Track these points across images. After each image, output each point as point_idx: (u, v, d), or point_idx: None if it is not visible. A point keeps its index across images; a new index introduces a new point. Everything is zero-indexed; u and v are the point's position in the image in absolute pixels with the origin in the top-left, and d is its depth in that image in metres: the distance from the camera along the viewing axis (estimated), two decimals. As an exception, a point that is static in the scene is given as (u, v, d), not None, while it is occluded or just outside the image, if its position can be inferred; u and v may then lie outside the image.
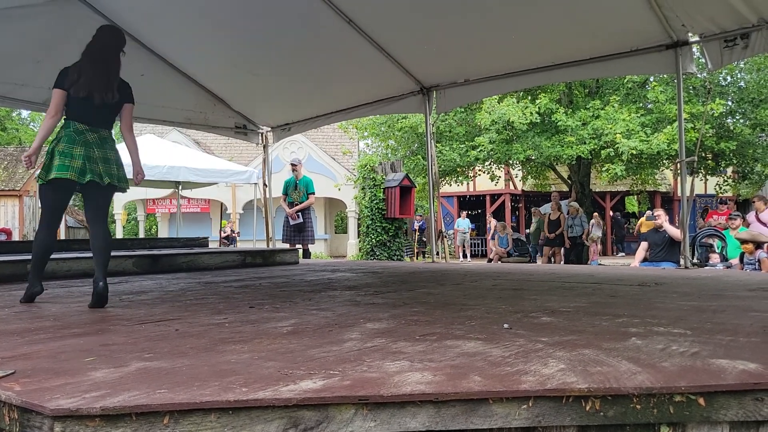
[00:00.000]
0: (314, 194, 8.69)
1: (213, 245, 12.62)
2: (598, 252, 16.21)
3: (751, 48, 4.93)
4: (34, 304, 3.18)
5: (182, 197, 16.32)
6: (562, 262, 12.74)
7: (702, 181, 19.98)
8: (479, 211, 23.48)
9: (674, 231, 7.75)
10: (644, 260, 8.10)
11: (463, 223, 20.12)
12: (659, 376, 1.50)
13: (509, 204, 21.66)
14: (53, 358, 1.81)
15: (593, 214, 15.49)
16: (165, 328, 2.36)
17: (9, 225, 17.85)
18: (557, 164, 16.21)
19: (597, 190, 19.39)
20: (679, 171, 5.90)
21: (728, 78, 14.85)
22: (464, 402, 1.39)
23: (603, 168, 14.39)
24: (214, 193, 19.88)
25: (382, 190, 13.14)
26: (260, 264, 6.64)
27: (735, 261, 7.59)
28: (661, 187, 20.24)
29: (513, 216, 22.17)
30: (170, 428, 1.31)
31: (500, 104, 13.40)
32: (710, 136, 14.10)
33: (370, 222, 13.35)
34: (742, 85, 14.65)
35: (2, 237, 14.18)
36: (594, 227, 14.93)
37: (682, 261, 6.10)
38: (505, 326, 2.29)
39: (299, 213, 8.48)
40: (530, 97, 14.02)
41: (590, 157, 14.42)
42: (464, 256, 19.57)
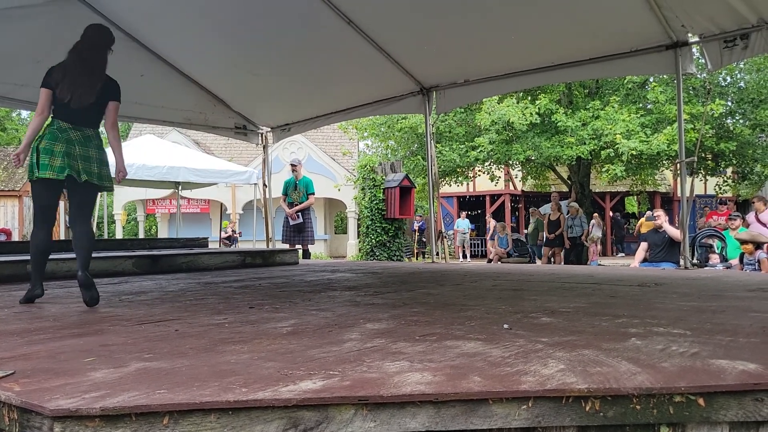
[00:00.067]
0: (314, 195, 8.70)
1: (213, 246, 12.61)
2: (598, 252, 16.20)
3: (751, 48, 4.93)
4: (34, 305, 3.19)
5: (182, 197, 16.32)
6: (562, 263, 12.74)
7: (702, 182, 19.98)
8: (479, 212, 23.47)
9: (674, 231, 7.75)
10: (644, 261, 8.11)
11: (463, 224, 20.12)
12: (659, 377, 1.50)
13: (509, 204, 21.66)
14: (53, 359, 1.81)
15: (593, 215, 15.49)
16: (165, 329, 2.36)
17: (8, 225, 17.83)
18: (557, 165, 16.21)
19: (597, 191, 19.38)
20: (679, 171, 5.90)
21: (728, 78, 14.86)
22: (464, 402, 1.39)
23: (603, 168, 14.38)
24: (214, 194, 19.89)
25: (382, 191, 13.15)
26: (260, 264, 6.64)
27: (735, 261, 7.60)
28: (661, 188, 20.25)
29: (513, 216, 22.17)
30: (170, 428, 1.31)
31: (500, 105, 13.40)
32: (710, 137, 14.09)
33: (370, 222, 13.35)
34: (742, 86, 14.64)
35: (2, 237, 14.15)
36: (594, 228, 14.92)
37: (682, 261, 6.10)
38: (505, 327, 2.29)
39: (299, 213, 8.47)
40: (530, 98, 14.02)
41: (590, 158, 14.42)
42: (464, 257, 19.57)
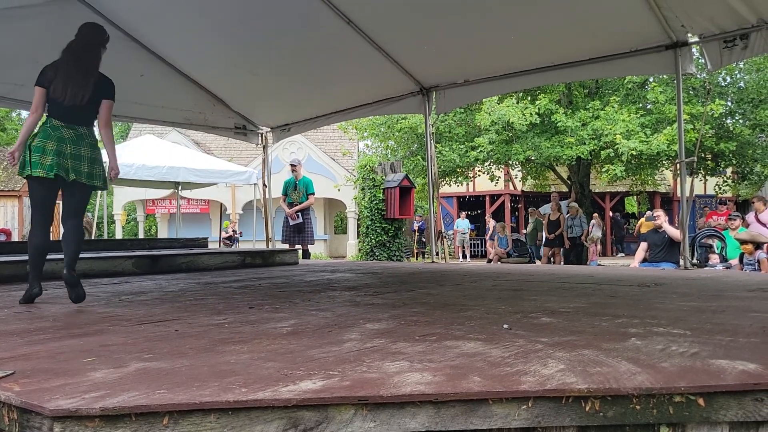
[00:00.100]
0: (314, 195, 8.70)
1: (212, 246, 12.61)
2: (598, 252, 16.21)
3: (751, 48, 4.93)
4: (34, 305, 3.19)
5: (182, 198, 16.31)
6: (562, 263, 12.74)
7: (701, 182, 19.99)
8: (479, 212, 23.48)
9: (674, 231, 7.75)
10: (644, 261, 8.11)
11: (463, 224, 20.12)
12: (659, 377, 1.50)
13: (509, 204, 21.66)
14: (53, 359, 1.81)
15: (593, 215, 15.49)
16: (164, 329, 2.36)
17: (8, 225, 17.81)
18: (557, 165, 16.21)
19: (596, 191, 19.39)
20: (679, 171, 5.90)
21: (728, 78, 14.85)
22: (464, 402, 1.39)
23: (603, 168, 14.39)
24: (214, 194, 19.88)
25: (382, 191, 13.15)
26: (260, 264, 6.64)
27: (734, 261, 7.60)
28: (661, 188, 20.25)
29: (513, 216, 22.17)
30: (170, 429, 1.31)
31: (500, 105, 13.40)
32: (710, 137, 14.09)
33: (370, 222, 13.35)
34: (742, 86, 14.64)
35: (2, 237, 14.15)
36: (594, 228, 14.93)
37: (682, 261, 6.10)
38: (505, 327, 2.29)
39: (299, 213, 8.47)
40: (530, 98, 14.02)
41: (590, 158, 14.42)
42: (464, 257, 19.57)
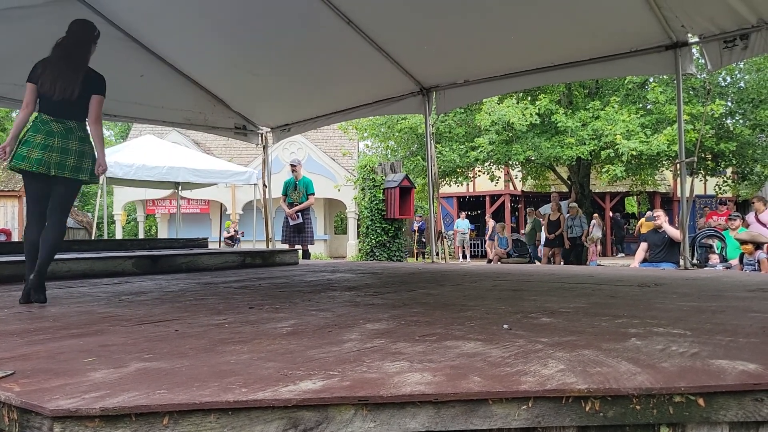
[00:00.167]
0: (314, 195, 8.70)
1: (212, 246, 12.61)
2: (598, 253, 16.20)
3: (751, 49, 4.93)
4: (33, 305, 3.18)
5: (182, 198, 16.32)
6: (562, 263, 12.74)
7: (702, 182, 19.99)
8: (479, 212, 23.48)
9: (674, 232, 7.75)
10: (644, 261, 8.11)
11: (463, 224, 20.13)
12: (659, 377, 1.50)
13: (509, 205, 21.66)
14: (52, 359, 1.81)
15: (593, 215, 15.48)
16: (164, 329, 2.36)
17: (8, 226, 17.82)
18: (557, 165, 16.21)
19: (597, 191, 19.38)
20: (679, 172, 5.91)
21: (728, 78, 14.85)
22: (464, 402, 1.39)
23: (603, 169, 14.38)
24: (214, 194, 19.89)
25: (382, 191, 13.15)
26: (260, 265, 6.64)
27: (734, 262, 7.60)
28: (661, 188, 20.25)
29: (513, 217, 22.17)
30: (170, 429, 1.31)
31: (500, 105, 13.40)
32: (710, 137, 14.09)
33: (370, 223, 13.36)
34: (742, 86, 14.64)
35: (2, 238, 14.16)
36: (594, 228, 14.93)
37: (682, 262, 6.10)
38: (505, 327, 2.29)
39: (299, 214, 8.47)
40: (530, 98, 14.02)
41: (590, 158, 14.41)
42: (464, 257, 19.57)
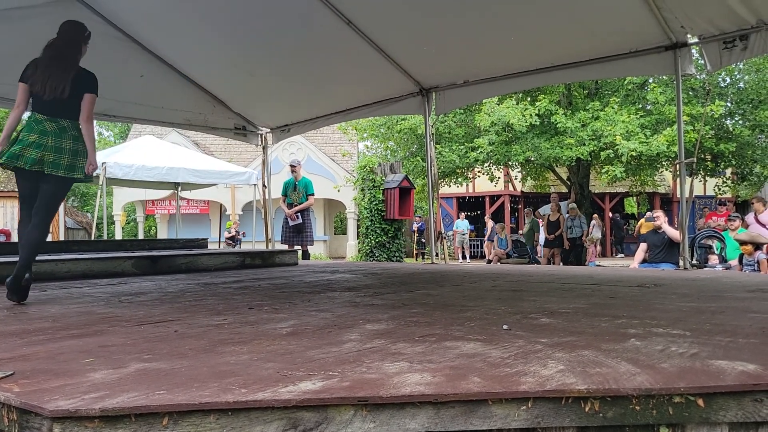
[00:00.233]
0: (313, 195, 8.69)
1: (212, 246, 12.61)
2: (597, 253, 16.21)
3: (750, 49, 4.93)
4: (33, 305, 3.18)
5: (181, 198, 16.31)
6: (561, 264, 12.74)
7: (701, 183, 20.00)
8: (478, 213, 23.48)
9: (673, 232, 7.75)
10: (643, 261, 8.11)
11: (462, 225, 20.13)
12: (658, 377, 1.50)
13: (508, 205, 21.66)
14: (52, 359, 1.81)
15: (593, 216, 15.48)
16: (164, 329, 2.36)
17: (8, 226, 17.80)
18: (556, 166, 16.22)
19: (596, 192, 19.39)
20: (679, 172, 5.91)
21: (727, 79, 14.86)
22: (463, 403, 1.39)
23: (602, 169, 14.39)
24: (214, 195, 19.88)
25: (382, 192, 13.15)
26: (259, 265, 6.64)
27: (734, 262, 7.60)
28: (661, 189, 20.26)
29: (512, 217, 22.18)
30: (169, 429, 1.31)
31: (500, 106, 13.41)
32: (709, 138, 14.10)
33: (370, 223, 13.36)
34: (742, 87, 14.64)
35: (1, 238, 14.15)
36: (594, 228, 14.94)
37: (681, 262, 6.10)
38: (505, 327, 2.29)
39: (298, 214, 8.47)
40: (530, 99, 14.02)
41: (589, 159, 14.42)
42: (463, 258, 19.57)
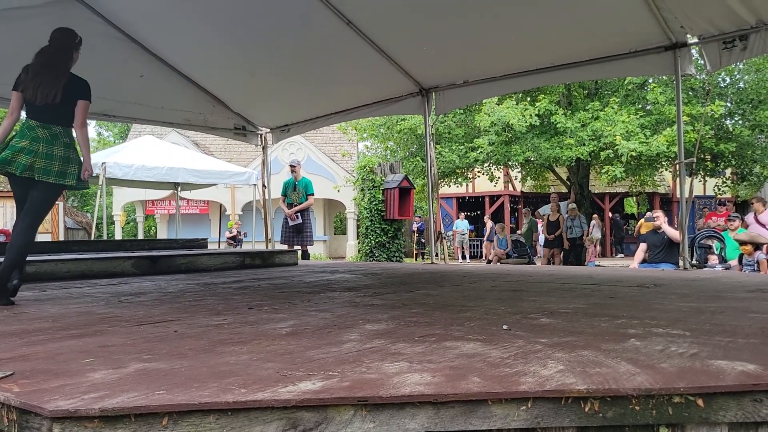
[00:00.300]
0: (313, 195, 8.69)
1: (212, 246, 12.61)
2: (597, 253, 16.21)
3: (750, 49, 4.93)
4: (33, 305, 3.18)
5: (181, 198, 16.30)
6: (561, 264, 12.74)
7: (701, 183, 20.00)
8: (478, 213, 23.48)
9: (673, 232, 7.75)
10: (643, 261, 8.11)
11: (462, 225, 20.13)
12: (658, 377, 1.50)
13: (508, 205, 21.67)
14: (52, 360, 1.81)
15: (593, 216, 15.48)
16: (164, 330, 2.36)
17: (8, 227, 17.81)
18: (556, 166, 16.22)
19: (596, 192, 19.39)
20: (678, 172, 5.91)
21: (727, 79, 14.86)
22: (463, 403, 1.39)
23: (602, 169, 14.39)
24: (214, 195, 19.87)
25: (381, 192, 13.15)
26: (259, 265, 6.64)
27: (734, 262, 7.60)
28: (660, 189, 20.26)
29: (512, 217, 22.17)
30: (169, 429, 1.31)
31: (500, 106, 13.41)
32: (709, 138, 14.10)
33: (369, 223, 13.35)
34: (741, 87, 14.64)
35: (1, 238, 14.14)
36: (594, 228, 14.94)
37: (681, 262, 6.10)
38: (504, 327, 2.29)
39: (298, 214, 8.47)
40: (529, 99, 14.02)
41: (589, 159, 14.42)
42: (463, 258, 19.57)
